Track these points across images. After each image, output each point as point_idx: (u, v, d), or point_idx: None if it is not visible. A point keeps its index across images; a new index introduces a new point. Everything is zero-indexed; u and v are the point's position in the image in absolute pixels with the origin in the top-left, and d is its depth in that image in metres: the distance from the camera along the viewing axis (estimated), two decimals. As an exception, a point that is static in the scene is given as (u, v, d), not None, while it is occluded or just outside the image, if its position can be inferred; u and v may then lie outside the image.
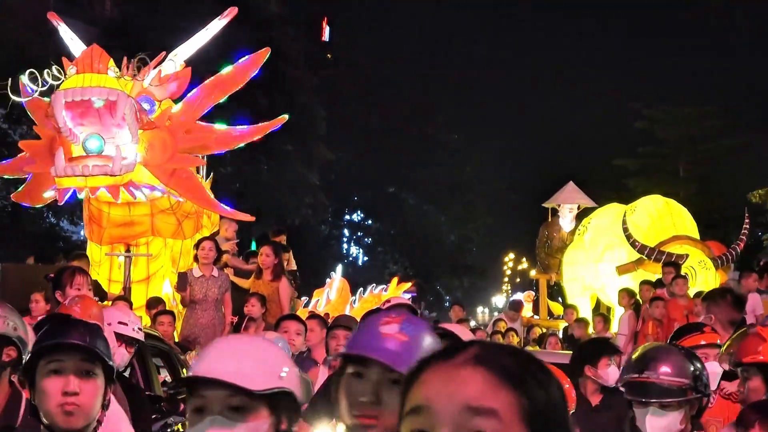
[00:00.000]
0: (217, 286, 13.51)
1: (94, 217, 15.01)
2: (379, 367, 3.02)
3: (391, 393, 2.98)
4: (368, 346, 3.08)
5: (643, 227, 18.25)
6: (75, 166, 14.13)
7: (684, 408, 4.36)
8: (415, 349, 3.00)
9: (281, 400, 2.95)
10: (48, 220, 30.57)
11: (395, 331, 3.07)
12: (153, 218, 14.94)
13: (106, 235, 14.98)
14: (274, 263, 14.15)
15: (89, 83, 14.14)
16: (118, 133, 14.20)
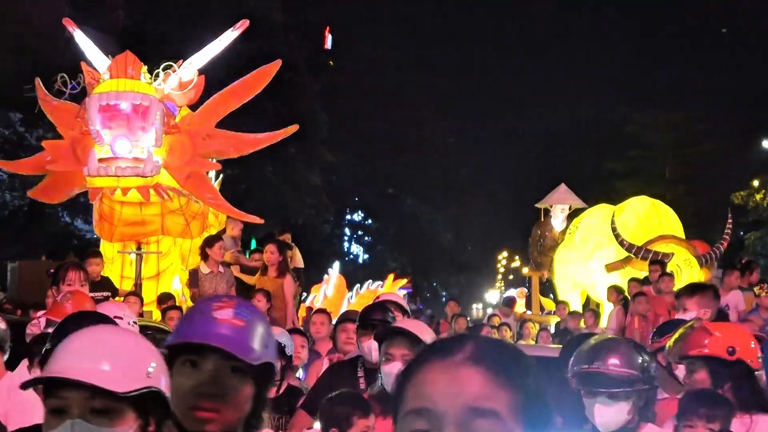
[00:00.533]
0: (225, 281, 13.58)
1: (105, 215, 15.04)
2: (218, 354, 2.72)
3: (231, 383, 2.74)
4: (204, 333, 2.75)
5: (630, 227, 18.25)
6: (108, 167, 14.25)
7: (632, 399, 4.33)
8: (252, 335, 2.78)
9: (149, 400, 2.52)
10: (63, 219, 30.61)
11: (230, 316, 2.77)
12: (163, 218, 15.00)
13: (116, 232, 15.01)
14: (278, 260, 14.16)
15: (123, 88, 14.36)
16: (142, 136, 14.32)
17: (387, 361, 5.06)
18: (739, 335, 5.05)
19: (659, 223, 18.53)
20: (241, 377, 2.76)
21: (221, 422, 2.73)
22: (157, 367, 2.56)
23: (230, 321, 2.75)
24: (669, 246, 17.46)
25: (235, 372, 2.73)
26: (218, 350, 2.73)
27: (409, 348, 4.99)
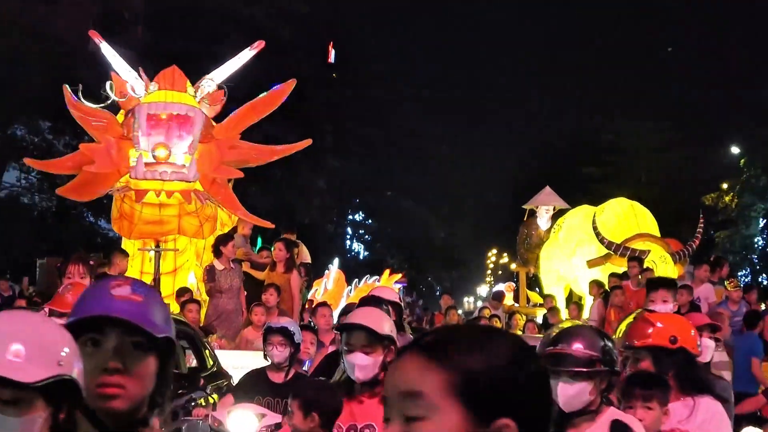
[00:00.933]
0: (237, 276, 13.60)
1: (125, 214, 15.07)
2: (119, 329, 2.52)
3: (134, 357, 2.54)
4: (104, 307, 2.55)
5: (610, 226, 18.22)
6: (154, 171, 14.39)
7: (594, 380, 4.27)
8: (151, 309, 2.58)
9: (61, 387, 2.27)
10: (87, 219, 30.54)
11: (128, 292, 2.57)
12: (180, 219, 15.03)
13: (135, 230, 15.04)
14: (286, 257, 14.20)
15: (171, 99, 14.60)
16: (177, 143, 14.42)
17: (348, 352, 4.96)
18: (679, 325, 5.02)
19: (636, 223, 18.51)
20: (143, 352, 2.55)
21: (127, 398, 2.52)
22: (70, 353, 2.30)
23: (128, 297, 2.56)
24: (645, 244, 17.43)
25: (138, 347, 2.54)
26: (119, 324, 2.53)
27: (366, 339, 4.92)
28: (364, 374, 4.96)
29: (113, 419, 2.54)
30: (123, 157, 14.68)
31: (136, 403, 2.56)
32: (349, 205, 53.29)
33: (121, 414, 2.54)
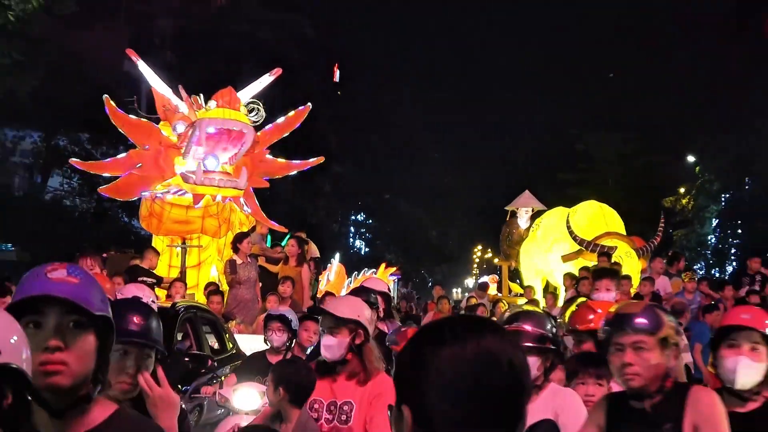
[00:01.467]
0: (254, 269, 13.62)
1: (155, 213, 15.16)
2: (58, 308, 2.38)
3: (73, 336, 2.39)
4: (42, 288, 2.40)
5: (582, 225, 18.20)
6: (211, 179, 14.63)
7: (541, 357, 4.34)
8: (88, 289, 2.45)
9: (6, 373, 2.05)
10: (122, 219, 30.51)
11: (64, 275, 2.42)
12: (203, 220, 15.09)
13: (163, 228, 15.16)
14: (297, 253, 14.24)
15: (229, 116, 14.77)
16: (221, 155, 14.57)
17: (324, 334, 4.96)
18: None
19: (605, 223, 18.48)
20: (82, 330, 2.41)
21: (69, 375, 2.38)
22: (16, 341, 2.07)
23: (65, 279, 2.41)
24: (613, 241, 17.42)
25: (77, 326, 2.40)
26: (58, 304, 2.38)
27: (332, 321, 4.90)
28: (331, 353, 4.91)
29: (58, 397, 2.39)
30: (168, 164, 14.80)
31: (78, 380, 2.42)
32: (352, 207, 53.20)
33: (65, 390, 2.40)
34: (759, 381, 3.91)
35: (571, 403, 4.30)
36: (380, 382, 4.89)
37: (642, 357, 3.45)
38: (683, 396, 3.46)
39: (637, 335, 3.47)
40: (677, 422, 3.40)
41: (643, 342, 3.47)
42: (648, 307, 3.62)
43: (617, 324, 3.53)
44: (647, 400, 3.48)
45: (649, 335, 3.47)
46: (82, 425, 2.47)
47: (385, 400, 4.76)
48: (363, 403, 4.82)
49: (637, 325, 3.49)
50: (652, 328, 3.48)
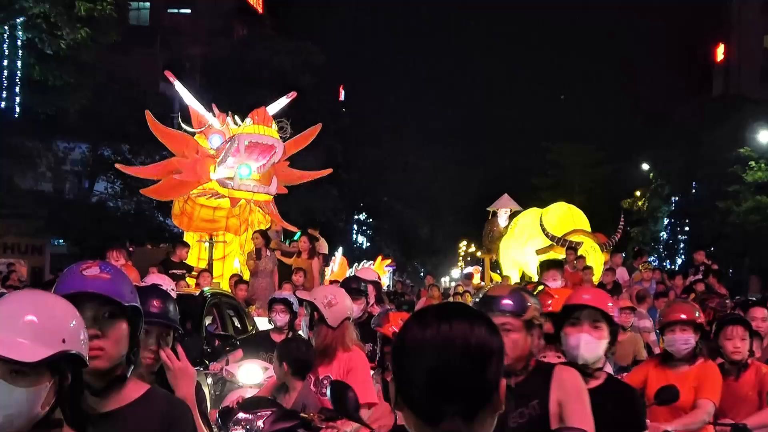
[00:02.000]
0: (271, 261, 13.55)
1: (186, 212, 15.27)
2: (94, 302, 2.39)
3: (108, 325, 2.42)
4: (79, 285, 2.40)
5: (553, 223, 18.15)
6: (247, 185, 14.78)
7: None
8: (118, 283, 2.45)
9: (65, 358, 2.04)
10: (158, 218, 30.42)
11: (97, 272, 2.42)
12: (227, 220, 15.18)
13: (192, 225, 15.28)
14: (309, 247, 14.19)
15: (263, 132, 14.89)
16: (252, 164, 14.63)
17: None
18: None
19: (573, 221, 18.44)
20: (115, 319, 2.43)
21: (107, 358, 2.42)
22: (75, 326, 2.07)
23: (98, 275, 2.42)
24: (580, 237, 17.37)
25: (111, 316, 2.42)
26: (94, 298, 2.39)
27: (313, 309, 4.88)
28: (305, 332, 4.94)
29: (97, 377, 2.44)
30: (204, 171, 14.89)
31: (114, 362, 2.46)
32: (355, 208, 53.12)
33: (103, 372, 2.44)
34: (600, 356, 3.75)
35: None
36: (353, 357, 4.81)
37: (509, 338, 3.11)
38: (548, 374, 3.21)
39: (504, 317, 3.16)
40: (543, 399, 3.17)
41: (509, 323, 3.16)
42: (514, 290, 3.35)
43: (485, 306, 3.22)
44: (513, 378, 3.18)
45: (516, 317, 3.18)
46: (118, 401, 2.49)
47: (358, 373, 4.72)
48: (339, 375, 4.74)
49: (503, 306, 3.19)
50: (518, 310, 3.19)
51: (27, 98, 21.72)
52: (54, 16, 20.13)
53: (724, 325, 5.22)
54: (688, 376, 4.80)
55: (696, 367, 4.86)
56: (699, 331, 4.87)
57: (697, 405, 4.77)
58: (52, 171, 30.66)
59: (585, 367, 3.66)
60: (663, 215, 43.27)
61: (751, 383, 5.15)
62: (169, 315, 3.35)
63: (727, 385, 5.06)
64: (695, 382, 4.78)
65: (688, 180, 40.82)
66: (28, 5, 19.90)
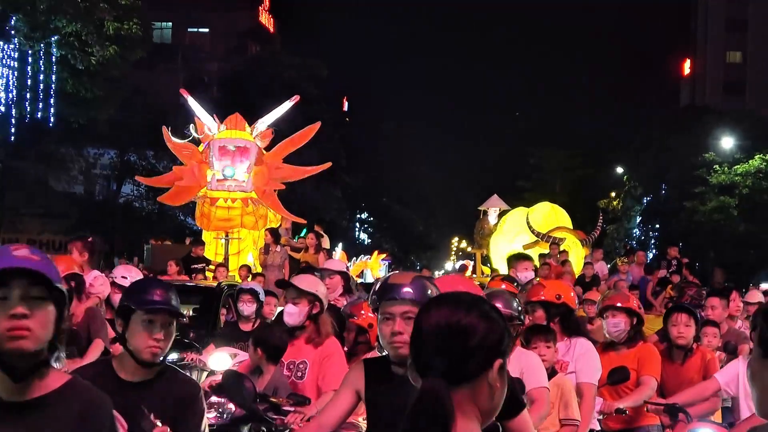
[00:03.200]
0: (279, 256, 13.46)
1: (204, 214, 15.37)
2: (22, 281, 2.13)
3: (36, 306, 2.13)
4: (8, 262, 2.16)
5: (538, 221, 18.00)
6: (223, 185, 14.73)
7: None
8: (47, 265, 2.18)
9: None
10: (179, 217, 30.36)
11: (27, 253, 2.18)
12: (242, 217, 15.26)
13: (212, 225, 15.37)
14: (315, 243, 14.08)
15: (235, 136, 14.94)
16: (239, 166, 14.60)
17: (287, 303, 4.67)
18: (563, 287, 4.89)
19: (556, 219, 18.32)
20: (43, 301, 2.14)
21: (33, 339, 2.11)
22: None
23: (28, 256, 2.16)
24: (562, 233, 17.24)
25: (38, 298, 2.13)
26: (23, 276, 2.12)
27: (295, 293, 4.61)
28: (292, 320, 4.62)
29: (21, 360, 2.12)
30: (202, 176, 15.02)
31: (40, 345, 2.14)
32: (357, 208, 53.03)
33: (29, 354, 2.12)
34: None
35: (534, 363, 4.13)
36: (329, 345, 4.61)
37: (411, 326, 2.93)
38: None
39: (405, 305, 2.85)
40: None
41: (412, 312, 2.78)
42: (416, 278, 2.98)
43: (386, 294, 2.90)
44: None
45: (418, 305, 2.79)
46: (38, 390, 2.17)
47: (334, 360, 4.53)
48: (315, 362, 4.55)
49: (405, 295, 2.86)
50: (419, 298, 2.83)
51: (61, 109, 21.71)
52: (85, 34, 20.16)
53: (671, 313, 5.22)
54: (629, 357, 4.86)
55: (636, 349, 4.92)
56: (634, 317, 4.95)
57: (640, 382, 4.82)
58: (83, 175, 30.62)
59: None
60: (635, 214, 43.15)
61: (696, 368, 5.12)
62: (172, 303, 3.06)
63: (674, 369, 5.09)
64: (635, 363, 4.82)
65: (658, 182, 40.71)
66: (62, 25, 19.90)
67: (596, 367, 4.55)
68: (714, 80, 54.18)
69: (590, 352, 4.56)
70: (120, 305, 3.09)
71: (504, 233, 20.41)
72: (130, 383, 2.96)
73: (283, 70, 36.30)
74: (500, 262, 20.81)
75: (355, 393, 2.99)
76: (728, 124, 36.74)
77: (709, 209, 34.57)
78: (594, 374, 4.51)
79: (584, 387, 4.42)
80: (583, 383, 4.43)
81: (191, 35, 46.20)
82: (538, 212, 18.81)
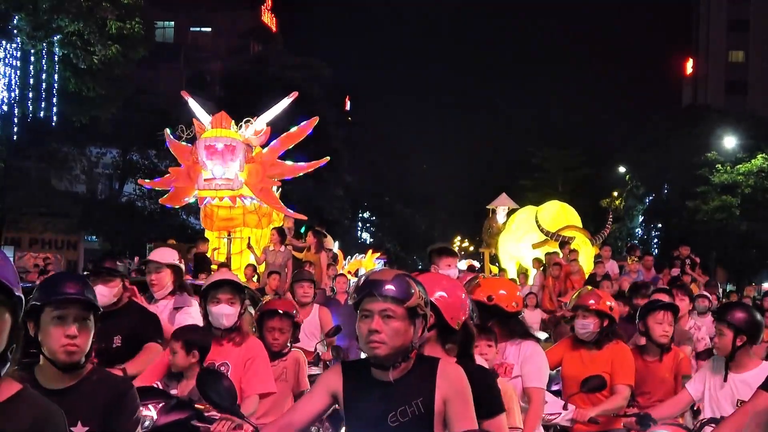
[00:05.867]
0: (282, 256, 13.43)
1: (208, 214, 15.34)
2: None
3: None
4: None
5: (547, 220, 17.90)
6: (210, 184, 14.62)
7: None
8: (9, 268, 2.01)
9: None
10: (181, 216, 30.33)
11: None
12: (244, 216, 15.26)
13: (215, 225, 15.35)
14: (315, 242, 14.07)
15: (220, 134, 14.74)
16: (231, 164, 14.54)
17: (216, 304, 4.31)
18: (496, 287, 4.33)
19: (565, 218, 18.22)
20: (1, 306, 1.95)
21: None
22: None
23: None
24: (572, 232, 17.14)
25: None
26: None
27: (231, 292, 4.31)
28: (229, 321, 4.31)
29: None
30: (197, 176, 14.98)
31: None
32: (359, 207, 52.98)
33: None
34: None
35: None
36: (252, 345, 4.38)
37: (389, 326, 2.61)
38: (432, 369, 2.68)
39: (386, 303, 2.63)
40: (427, 397, 2.64)
41: (390, 310, 2.62)
42: (399, 275, 2.74)
43: (366, 290, 2.69)
44: (391, 371, 2.66)
45: (399, 304, 2.63)
46: None
47: (258, 362, 4.31)
48: (238, 364, 4.28)
49: (386, 292, 2.64)
50: (402, 296, 2.64)
51: (63, 108, 21.67)
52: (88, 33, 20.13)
53: (655, 310, 5.04)
54: (600, 359, 4.73)
55: (608, 350, 4.77)
56: (605, 318, 4.76)
57: (615, 391, 4.68)
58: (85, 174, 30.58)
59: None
60: (638, 213, 43.08)
61: (668, 366, 5.04)
62: (84, 294, 2.68)
63: (647, 366, 4.99)
64: (608, 366, 4.69)
65: (660, 181, 40.65)
66: (65, 24, 19.87)
67: (544, 370, 4.27)
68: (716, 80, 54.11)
69: (537, 355, 4.26)
70: (29, 305, 2.65)
71: (512, 232, 20.28)
72: (53, 391, 2.61)
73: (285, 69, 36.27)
74: (508, 261, 20.72)
75: (330, 396, 2.78)
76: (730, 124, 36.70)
77: (711, 209, 34.52)
78: (542, 378, 4.24)
79: (532, 392, 4.17)
80: (531, 388, 4.18)
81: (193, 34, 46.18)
82: (547, 211, 18.70)
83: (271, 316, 4.95)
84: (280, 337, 4.95)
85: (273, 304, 5.11)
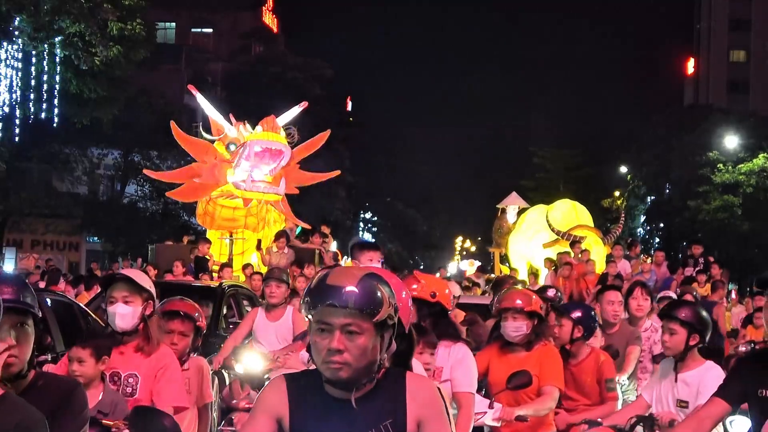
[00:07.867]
0: (284, 257, 13.44)
1: (208, 213, 15.45)
2: None
3: None
4: None
5: (558, 219, 17.84)
6: (258, 186, 14.88)
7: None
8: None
9: None
10: (182, 217, 30.32)
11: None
12: (246, 218, 15.30)
13: (215, 224, 15.40)
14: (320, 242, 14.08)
15: (272, 138, 15.06)
16: (264, 168, 14.73)
17: (111, 303, 3.81)
18: (439, 284, 4.16)
19: (576, 217, 18.17)
20: None
21: None
22: None
23: None
24: (583, 231, 17.11)
25: None
26: None
27: (127, 290, 3.78)
28: (125, 323, 3.79)
29: None
30: (222, 175, 15.06)
31: None
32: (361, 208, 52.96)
33: None
34: None
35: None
36: (163, 355, 3.85)
37: (355, 343, 2.12)
38: (401, 385, 2.21)
39: (351, 317, 2.12)
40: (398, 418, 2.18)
41: (357, 325, 2.12)
42: (365, 278, 2.17)
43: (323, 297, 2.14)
44: (354, 392, 2.16)
45: (365, 318, 2.13)
46: None
47: (171, 373, 3.81)
48: (149, 375, 3.79)
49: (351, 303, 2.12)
50: (369, 307, 2.13)
51: (64, 109, 21.67)
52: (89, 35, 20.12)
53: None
54: (528, 361, 4.47)
55: (536, 352, 4.53)
56: (534, 318, 4.51)
57: (543, 392, 4.48)
58: (87, 175, 30.59)
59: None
60: (639, 213, 43.02)
61: (590, 369, 4.91)
62: (19, 299, 2.39)
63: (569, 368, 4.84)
64: (537, 368, 4.45)
65: (662, 181, 40.58)
66: (66, 25, 19.86)
67: (474, 374, 4.08)
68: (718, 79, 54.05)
69: (467, 359, 4.06)
70: None
71: (522, 231, 20.18)
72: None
73: (286, 70, 36.27)
74: (519, 260, 20.62)
75: (274, 422, 2.20)
76: (732, 123, 36.64)
77: (713, 208, 34.45)
78: (472, 382, 4.05)
79: (462, 396, 3.97)
80: (461, 392, 3.97)
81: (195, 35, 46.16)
82: (557, 210, 18.61)
83: (171, 317, 4.31)
84: (180, 342, 4.28)
85: (174, 305, 4.41)
